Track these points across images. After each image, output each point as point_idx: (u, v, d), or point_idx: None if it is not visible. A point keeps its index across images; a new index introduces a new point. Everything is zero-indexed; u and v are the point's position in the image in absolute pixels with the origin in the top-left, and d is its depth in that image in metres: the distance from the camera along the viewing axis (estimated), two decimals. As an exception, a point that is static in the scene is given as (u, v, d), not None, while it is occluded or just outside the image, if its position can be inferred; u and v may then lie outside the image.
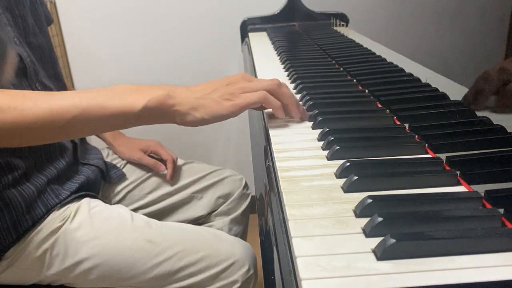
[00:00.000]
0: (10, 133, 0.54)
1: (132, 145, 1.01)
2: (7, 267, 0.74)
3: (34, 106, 0.53)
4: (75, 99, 0.54)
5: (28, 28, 0.78)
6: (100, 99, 0.55)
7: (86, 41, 1.56)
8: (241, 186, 1.03)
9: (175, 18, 1.55)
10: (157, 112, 0.56)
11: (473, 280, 0.30)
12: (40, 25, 0.83)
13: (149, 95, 0.55)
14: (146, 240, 0.76)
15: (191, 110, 0.56)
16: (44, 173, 0.77)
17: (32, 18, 0.80)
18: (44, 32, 0.84)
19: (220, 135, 1.74)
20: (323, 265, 0.32)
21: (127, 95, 0.55)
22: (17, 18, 0.75)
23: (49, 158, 0.78)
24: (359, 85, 0.76)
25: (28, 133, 0.54)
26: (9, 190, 0.71)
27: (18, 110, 0.53)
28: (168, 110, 0.56)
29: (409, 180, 0.43)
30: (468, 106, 0.59)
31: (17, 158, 0.73)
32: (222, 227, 0.98)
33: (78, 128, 0.56)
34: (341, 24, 1.37)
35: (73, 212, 0.77)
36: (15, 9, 0.74)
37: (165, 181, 0.99)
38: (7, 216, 0.71)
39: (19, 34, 0.75)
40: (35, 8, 0.82)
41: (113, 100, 0.55)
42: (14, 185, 0.72)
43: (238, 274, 0.77)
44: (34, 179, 0.75)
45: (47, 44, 0.84)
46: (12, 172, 0.72)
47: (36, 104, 0.53)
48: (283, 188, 0.43)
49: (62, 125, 0.54)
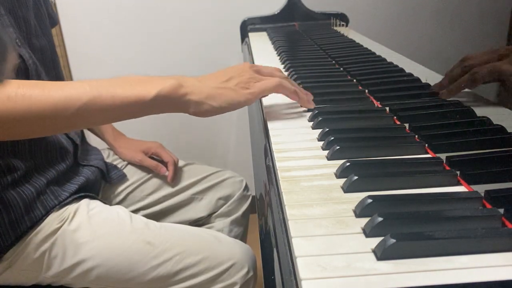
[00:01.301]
0: (19, 123, 0.53)
1: (133, 146, 1.01)
2: (6, 269, 0.74)
3: (43, 94, 0.52)
4: (86, 88, 0.54)
5: (30, 29, 0.77)
6: (111, 87, 0.54)
7: (86, 41, 1.56)
8: (241, 187, 1.03)
9: (175, 18, 1.55)
10: (169, 102, 0.56)
11: (473, 280, 0.30)
12: (43, 26, 0.83)
13: (160, 85, 0.55)
14: (145, 241, 0.76)
15: (206, 99, 0.56)
16: (43, 175, 0.77)
17: (35, 19, 0.80)
18: (46, 34, 0.83)
19: (220, 136, 1.74)
20: (323, 265, 0.32)
21: (138, 84, 0.55)
22: (20, 19, 0.74)
23: (49, 160, 0.78)
24: (359, 85, 0.76)
25: (38, 122, 0.54)
26: (8, 191, 0.71)
27: (26, 97, 0.52)
28: (181, 99, 0.56)
29: (409, 180, 0.43)
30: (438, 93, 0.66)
31: (17, 160, 0.73)
32: (222, 228, 0.98)
33: (88, 117, 0.55)
34: (341, 24, 1.37)
35: (71, 213, 0.77)
36: (18, 10, 0.74)
37: (166, 183, 0.99)
38: (5, 217, 0.70)
39: (21, 36, 0.75)
40: (38, 10, 0.82)
41: (124, 89, 0.55)
42: (14, 186, 0.72)
43: (237, 276, 0.77)
44: (33, 180, 0.75)
45: (49, 46, 0.84)
46: (11, 173, 0.72)
47: (45, 91, 0.52)
48: (283, 188, 0.43)
49: (72, 114, 0.53)
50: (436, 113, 0.59)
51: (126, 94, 0.55)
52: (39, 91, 0.52)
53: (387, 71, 0.82)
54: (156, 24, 1.55)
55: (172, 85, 0.55)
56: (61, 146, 0.80)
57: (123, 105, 0.55)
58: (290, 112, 0.66)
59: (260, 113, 0.68)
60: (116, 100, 0.54)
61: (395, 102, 0.64)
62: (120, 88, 0.55)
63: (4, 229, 0.71)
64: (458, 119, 0.56)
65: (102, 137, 1.02)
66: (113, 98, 0.54)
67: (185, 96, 0.56)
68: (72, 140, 0.85)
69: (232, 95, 0.57)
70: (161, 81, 0.56)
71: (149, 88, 0.55)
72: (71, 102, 0.53)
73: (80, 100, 0.53)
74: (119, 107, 0.55)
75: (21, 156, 0.73)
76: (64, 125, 0.57)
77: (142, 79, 0.56)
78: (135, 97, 0.55)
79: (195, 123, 1.66)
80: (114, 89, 0.54)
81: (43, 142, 0.77)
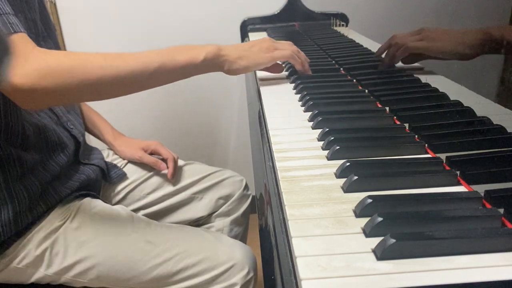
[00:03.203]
0: (110, 85, 0.65)
1: (133, 144, 1.01)
2: (7, 265, 0.74)
3: (125, 63, 0.65)
4: (155, 56, 0.67)
5: (38, 32, 0.78)
6: (172, 54, 0.68)
7: (86, 41, 1.56)
8: (241, 187, 1.03)
9: (175, 18, 1.55)
10: (213, 62, 0.70)
11: (473, 280, 0.30)
12: (49, 30, 0.84)
13: (205, 50, 0.69)
14: (146, 241, 0.76)
15: (237, 59, 0.72)
16: (48, 170, 0.77)
17: (41, 22, 0.80)
18: (52, 37, 0.84)
19: (220, 135, 1.74)
20: (323, 265, 0.32)
21: (190, 50, 0.69)
22: (30, 21, 0.75)
23: (51, 155, 0.79)
24: (359, 85, 0.76)
25: (121, 84, 0.66)
26: (16, 183, 0.72)
27: (114, 66, 0.64)
28: (220, 59, 0.71)
29: (409, 180, 0.43)
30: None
31: (25, 152, 0.74)
32: (222, 227, 0.98)
33: (158, 77, 0.68)
34: (341, 24, 1.37)
35: (73, 211, 0.77)
36: (27, 12, 0.75)
37: (166, 182, 0.99)
38: (10, 209, 0.71)
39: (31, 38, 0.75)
40: (44, 13, 0.82)
41: (182, 54, 0.68)
42: (22, 178, 0.73)
43: (237, 277, 0.77)
44: (39, 175, 0.75)
45: (56, 49, 0.84)
46: (22, 165, 0.73)
47: (126, 61, 0.65)
48: (283, 188, 0.43)
49: (147, 76, 0.66)
50: (436, 113, 0.59)
51: (183, 58, 0.68)
52: (121, 61, 0.65)
53: (387, 71, 0.82)
54: (156, 24, 1.55)
55: (214, 49, 0.70)
56: (60, 141, 0.81)
57: (182, 67, 0.69)
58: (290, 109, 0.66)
59: (260, 113, 0.68)
60: (177, 64, 0.68)
61: (395, 102, 0.64)
62: (179, 54, 0.68)
63: (7, 222, 0.71)
64: (458, 119, 0.56)
65: (102, 138, 1.02)
66: (174, 62, 0.68)
67: (223, 57, 0.71)
68: (75, 138, 0.85)
69: (255, 57, 0.74)
70: (204, 47, 0.70)
71: (197, 53, 0.69)
72: (147, 67, 0.66)
73: (152, 65, 0.66)
74: (179, 69, 0.69)
75: (29, 149, 0.74)
76: (142, 85, 0.69)
77: (192, 47, 0.70)
78: (190, 60, 0.69)
79: (195, 123, 1.67)
80: (174, 55, 0.68)
81: (42, 135, 0.77)
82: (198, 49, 0.70)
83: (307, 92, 0.70)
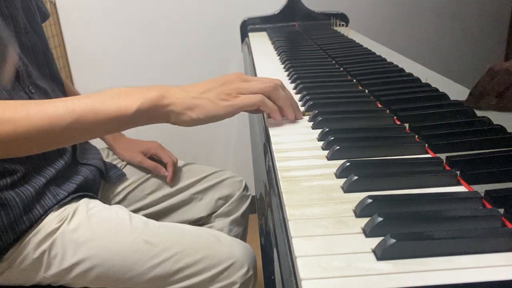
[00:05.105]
0: (6, 145, 0.53)
1: (133, 146, 1.01)
2: (5, 269, 0.74)
3: (27, 117, 0.52)
4: (69, 107, 0.54)
5: (19, 28, 0.76)
6: (93, 104, 0.54)
7: (86, 41, 1.56)
8: (241, 187, 1.03)
9: (175, 18, 1.55)
10: (151, 113, 0.55)
11: (473, 280, 0.30)
12: (33, 23, 0.81)
13: (142, 97, 0.54)
14: (145, 241, 0.76)
15: (186, 110, 0.56)
16: (42, 175, 0.76)
17: (24, 16, 0.79)
18: (37, 31, 0.82)
19: (220, 136, 1.73)
20: (323, 265, 0.32)
21: (120, 98, 0.55)
22: (7, 18, 0.73)
23: (47, 160, 0.78)
24: (359, 85, 0.76)
25: (25, 143, 0.54)
26: (6, 192, 0.71)
27: (11, 121, 0.52)
28: (162, 110, 0.55)
29: (409, 180, 0.43)
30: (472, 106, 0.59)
31: (15, 164, 0.73)
32: (222, 228, 0.98)
33: (74, 135, 0.56)
34: (341, 24, 1.37)
35: (71, 213, 0.76)
36: (4, 9, 0.73)
37: (166, 182, 0.99)
38: (4, 218, 0.70)
39: (9, 35, 0.74)
40: (27, 6, 0.81)
41: (106, 104, 0.54)
42: (13, 187, 0.72)
43: (237, 275, 0.77)
44: (32, 181, 0.75)
45: (41, 42, 0.82)
46: (11, 175, 0.72)
47: (29, 114, 0.52)
48: (283, 188, 0.43)
49: (57, 133, 0.54)
50: (436, 113, 0.59)
51: (109, 110, 0.54)
52: (23, 114, 0.52)
53: (387, 71, 0.82)
54: (156, 24, 1.55)
55: (153, 97, 0.55)
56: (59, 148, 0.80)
57: (107, 121, 0.54)
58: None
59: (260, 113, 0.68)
60: (100, 117, 0.54)
61: (395, 102, 0.64)
62: (102, 105, 0.54)
63: (3, 229, 0.70)
64: (458, 119, 0.56)
65: (102, 138, 1.02)
66: (96, 114, 0.54)
67: (167, 107, 0.55)
68: None
69: (209, 106, 0.56)
70: (142, 93, 0.55)
71: (130, 102, 0.54)
72: (56, 122, 0.53)
73: (64, 120, 0.53)
74: (103, 123, 0.54)
75: (18, 160, 0.73)
76: (52, 144, 0.57)
77: (124, 92, 0.56)
78: (117, 112, 0.54)
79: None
80: (96, 106, 0.54)
81: None
82: (132, 96, 0.55)
83: (307, 92, 0.70)
